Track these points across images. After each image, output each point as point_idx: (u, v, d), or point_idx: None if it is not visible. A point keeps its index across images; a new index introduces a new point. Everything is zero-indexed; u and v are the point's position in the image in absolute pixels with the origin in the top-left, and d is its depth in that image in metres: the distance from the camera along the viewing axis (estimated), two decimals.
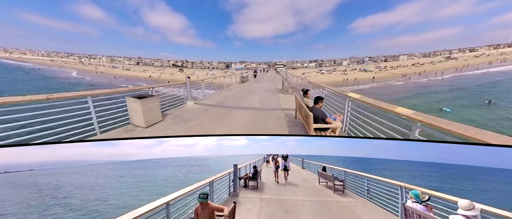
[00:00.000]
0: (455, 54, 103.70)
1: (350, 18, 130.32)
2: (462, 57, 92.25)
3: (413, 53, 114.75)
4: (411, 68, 74.45)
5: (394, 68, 77.94)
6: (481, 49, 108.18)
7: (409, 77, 57.31)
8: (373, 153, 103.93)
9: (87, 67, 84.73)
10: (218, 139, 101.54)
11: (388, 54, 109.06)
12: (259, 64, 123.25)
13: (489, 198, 16.55)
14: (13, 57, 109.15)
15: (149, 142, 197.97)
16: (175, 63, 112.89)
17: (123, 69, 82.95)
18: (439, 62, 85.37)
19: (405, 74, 63.33)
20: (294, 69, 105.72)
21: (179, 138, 5.68)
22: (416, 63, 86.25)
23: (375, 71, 73.62)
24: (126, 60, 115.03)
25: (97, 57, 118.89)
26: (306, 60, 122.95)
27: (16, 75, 57.72)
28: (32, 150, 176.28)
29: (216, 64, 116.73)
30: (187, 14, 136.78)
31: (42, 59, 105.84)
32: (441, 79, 51.06)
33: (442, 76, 54.90)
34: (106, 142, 5.00)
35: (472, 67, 63.61)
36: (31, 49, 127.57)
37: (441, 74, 58.30)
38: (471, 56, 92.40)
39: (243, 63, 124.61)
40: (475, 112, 24.08)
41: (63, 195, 17.92)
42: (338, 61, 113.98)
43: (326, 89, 6.77)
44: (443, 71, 62.17)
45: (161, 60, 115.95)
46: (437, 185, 23.82)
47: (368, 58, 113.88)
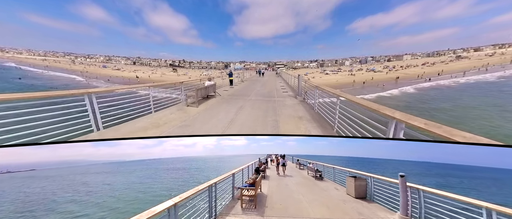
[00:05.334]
0: (459, 54, 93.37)
1: (350, 19, 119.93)
2: (472, 57, 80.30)
3: (415, 52, 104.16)
4: (424, 68, 62.68)
5: (404, 68, 66.12)
6: (486, 48, 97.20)
7: (430, 78, 45.73)
8: (373, 153, 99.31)
9: (76, 67, 73.51)
10: (218, 139, 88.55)
11: (388, 54, 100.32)
12: (258, 64, 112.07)
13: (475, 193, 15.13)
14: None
15: (148, 142, 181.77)
16: (173, 63, 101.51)
17: (113, 69, 71.59)
18: (450, 61, 73.38)
19: (421, 75, 51.70)
20: (295, 69, 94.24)
21: (179, 138, 4.92)
22: (426, 62, 74.34)
23: (385, 71, 61.83)
24: (122, 59, 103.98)
25: (95, 56, 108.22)
26: (307, 60, 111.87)
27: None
28: (31, 150, 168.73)
29: (215, 64, 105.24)
30: (189, 16, 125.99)
31: (34, 59, 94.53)
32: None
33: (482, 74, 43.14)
34: (106, 142, 4.26)
35: (497, 66, 51.84)
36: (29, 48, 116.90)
37: (462, 74, 46.88)
38: (482, 55, 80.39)
39: (243, 63, 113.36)
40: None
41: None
42: (340, 61, 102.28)
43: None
44: (464, 70, 50.46)
45: (159, 60, 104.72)
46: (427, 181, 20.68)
47: (371, 57, 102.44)
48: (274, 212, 3.17)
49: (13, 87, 41.47)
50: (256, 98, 8.65)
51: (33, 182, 26.01)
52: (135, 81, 50.40)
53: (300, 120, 5.36)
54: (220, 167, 34.44)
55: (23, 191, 19.64)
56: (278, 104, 7.39)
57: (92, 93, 4.18)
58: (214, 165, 40.30)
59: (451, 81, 41.30)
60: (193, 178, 21.99)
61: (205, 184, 2.77)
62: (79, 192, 17.73)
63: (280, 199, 3.97)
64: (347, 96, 4.05)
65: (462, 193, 2.52)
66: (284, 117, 5.61)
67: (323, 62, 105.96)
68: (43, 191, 19.33)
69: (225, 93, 10.31)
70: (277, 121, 5.30)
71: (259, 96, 9.35)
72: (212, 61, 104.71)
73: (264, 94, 9.92)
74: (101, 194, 16.15)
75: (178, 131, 4.69)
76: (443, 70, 54.16)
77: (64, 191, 18.49)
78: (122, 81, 52.40)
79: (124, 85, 9.16)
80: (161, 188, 17.40)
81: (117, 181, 22.99)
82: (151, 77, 59.34)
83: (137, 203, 12.77)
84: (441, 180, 24.81)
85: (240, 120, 5.43)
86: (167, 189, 16.72)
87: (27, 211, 12.36)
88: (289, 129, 4.62)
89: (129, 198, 14.89)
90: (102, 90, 4.59)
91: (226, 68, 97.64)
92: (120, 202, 13.21)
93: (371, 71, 63.44)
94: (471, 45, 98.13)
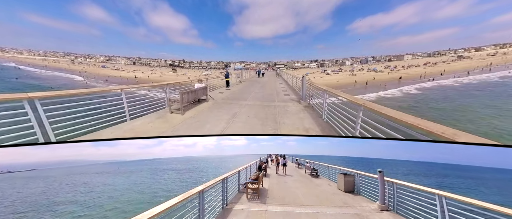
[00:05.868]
0: (460, 54, 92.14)
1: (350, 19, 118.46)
2: (474, 56, 79.03)
3: (415, 52, 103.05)
4: (426, 68, 61.46)
5: (405, 68, 64.88)
6: (487, 48, 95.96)
7: (433, 78, 44.51)
8: (373, 153, 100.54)
9: (75, 67, 72.52)
10: (218, 139, 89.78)
11: (388, 54, 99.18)
12: (258, 64, 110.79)
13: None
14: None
15: (148, 142, 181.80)
16: (173, 63, 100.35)
17: (112, 69, 70.57)
18: (452, 61, 72.09)
19: (423, 75, 50.52)
20: (295, 69, 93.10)
21: (179, 138, 4.54)
22: (427, 62, 73.09)
23: (386, 71, 60.60)
24: (122, 59, 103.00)
25: (95, 56, 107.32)
26: (307, 60, 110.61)
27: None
28: (31, 150, 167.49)
29: (215, 64, 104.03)
30: (189, 16, 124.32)
31: (33, 58, 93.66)
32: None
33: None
34: (106, 142, 4.60)
35: (502, 65, 50.57)
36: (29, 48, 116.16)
37: (466, 73, 45.74)
38: (483, 55, 79.07)
39: (243, 63, 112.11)
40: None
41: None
42: (341, 61, 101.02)
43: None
44: (468, 70, 49.28)
45: (159, 60, 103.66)
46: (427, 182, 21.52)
47: (371, 57, 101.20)
48: (273, 201, 3.77)
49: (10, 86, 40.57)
50: (254, 103, 7.52)
51: (34, 182, 25.49)
52: (134, 81, 49.33)
53: (306, 133, 4.24)
54: (222, 167, 33.51)
55: (23, 191, 19.23)
56: (279, 110, 6.26)
57: (36, 99, 3.09)
58: (216, 165, 39.26)
59: (454, 81, 40.06)
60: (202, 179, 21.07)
61: (219, 177, 3.28)
62: (81, 192, 17.43)
63: (279, 192, 4.38)
64: (372, 105, 2.93)
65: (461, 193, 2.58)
66: (287, 128, 4.49)
67: (324, 62, 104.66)
68: (44, 191, 18.79)
69: (219, 96, 9.18)
70: (278, 131, 4.19)
71: (257, 100, 8.22)
72: (212, 61, 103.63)
73: (263, 98, 8.78)
74: (101, 195, 15.68)
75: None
76: (445, 70, 52.98)
77: (65, 191, 18.14)
78: (120, 81, 51.34)
79: (78, 88, 8.00)
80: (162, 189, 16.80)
81: (118, 181, 22.42)
82: (150, 77, 58.29)
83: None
84: (441, 180, 23.81)
85: (232, 132, 4.32)
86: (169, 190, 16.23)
87: (32, 211, 12.29)
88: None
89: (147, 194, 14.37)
90: (48, 94, 3.48)
91: (226, 68, 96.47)
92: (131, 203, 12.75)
93: (372, 71, 62.23)
94: (471, 45, 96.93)
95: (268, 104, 7.21)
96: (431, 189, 2.69)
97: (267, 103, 7.53)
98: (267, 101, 7.93)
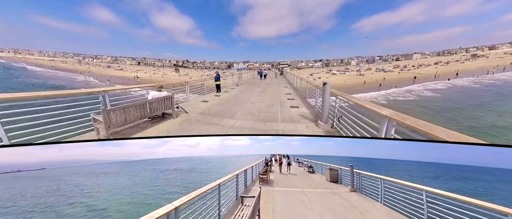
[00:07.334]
0: (474, 52, 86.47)
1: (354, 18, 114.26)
2: (489, 55, 73.56)
3: (424, 51, 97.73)
4: (438, 67, 57.11)
5: (416, 67, 60.62)
6: (503, 46, 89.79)
7: (449, 78, 40.58)
8: (373, 153, 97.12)
9: (80, 67, 71.72)
10: (221, 139, 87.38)
11: (394, 53, 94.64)
12: (262, 64, 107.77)
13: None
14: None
15: (153, 142, 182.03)
16: (177, 63, 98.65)
17: (116, 69, 69.29)
18: (466, 60, 67.09)
19: (437, 75, 46.46)
20: (299, 69, 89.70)
21: (183, 138, 4.57)
22: (438, 61, 68.39)
23: (396, 71, 56.56)
24: (128, 60, 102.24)
25: (102, 57, 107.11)
26: (311, 59, 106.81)
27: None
28: (39, 149, 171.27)
29: (218, 64, 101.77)
30: (194, 17, 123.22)
31: (42, 59, 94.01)
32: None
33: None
34: (111, 141, 3.89)
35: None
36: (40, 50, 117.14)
37: (491, 72, 41.59)
38: (500, 53, 73.48)
39: (247, 63, 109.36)
40: None
41: None
42: (346, 61, 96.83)
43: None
44: (487, 69, 44.90)
45: (163, 60, 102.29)
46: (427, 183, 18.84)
47: (378, 57, 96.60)
48: (277, 186, 4.86)
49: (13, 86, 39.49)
50: (244, 124, 4.76)
51: (43, 181, 24.10)
52: (134, 82, 47.50)
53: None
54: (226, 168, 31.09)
55: (35, 190, 18.18)
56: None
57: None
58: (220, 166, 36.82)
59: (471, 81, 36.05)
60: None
61: (242, 168, 4.28)
62: (89, 190, 16.60)
63: (281, 182, 5.46)
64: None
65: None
66: None
67: (328, 61, 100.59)
68: (56, 189, 17.95)
69: (199, 107, 6.45)
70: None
71: (249, 118, 5.40)
72: (215, 61, 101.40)
73: (260, 114, 5.86)
74: (109, 194, 14.70)
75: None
76: (458, 69, 48.65)
77: (72, 191, 17.24)
78: (122, 81, 49.64)
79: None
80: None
81: (127, 182, 20.67)
82: (153, 78, 56.47)
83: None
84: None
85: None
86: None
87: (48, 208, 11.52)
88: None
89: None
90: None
91: (229, 68, 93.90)
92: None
93: (381, 71, 58.30)
94: (484, 44, 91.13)
95: (264, 129, 4.45)
96: (377, 175, 3.68)
97: (264, 123, 4.78)
98: (264, 121, 5.14)
